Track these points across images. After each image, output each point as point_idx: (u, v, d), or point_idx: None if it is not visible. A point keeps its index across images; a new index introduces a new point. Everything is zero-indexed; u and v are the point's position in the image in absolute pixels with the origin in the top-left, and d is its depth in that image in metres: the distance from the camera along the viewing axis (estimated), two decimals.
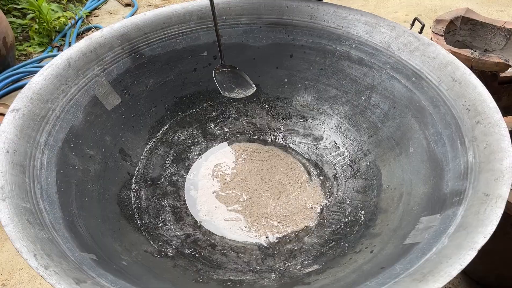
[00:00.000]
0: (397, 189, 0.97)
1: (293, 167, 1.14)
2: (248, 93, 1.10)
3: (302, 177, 1.12)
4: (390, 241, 0.84)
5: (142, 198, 1.04)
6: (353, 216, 1.01)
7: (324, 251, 0.94)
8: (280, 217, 1.02)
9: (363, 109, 1.15)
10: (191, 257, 0.93)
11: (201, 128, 1.23)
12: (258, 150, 1.19)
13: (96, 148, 1.02)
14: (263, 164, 1.14)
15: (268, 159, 1.16)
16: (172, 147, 1.17)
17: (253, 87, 1.10)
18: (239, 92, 1.09)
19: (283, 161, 1.15)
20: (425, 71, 1.02)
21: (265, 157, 1.16)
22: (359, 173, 1.09)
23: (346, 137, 1.17)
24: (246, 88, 1.10)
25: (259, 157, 1.16)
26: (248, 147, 1.20)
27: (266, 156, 1.17)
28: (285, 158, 1.16)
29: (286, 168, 1.13)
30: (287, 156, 1.17)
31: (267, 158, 1.16)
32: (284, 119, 1.25)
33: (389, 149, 1.06)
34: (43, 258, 0.65)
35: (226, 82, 1.10)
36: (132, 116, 1.13)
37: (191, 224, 1.01)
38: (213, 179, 1.12)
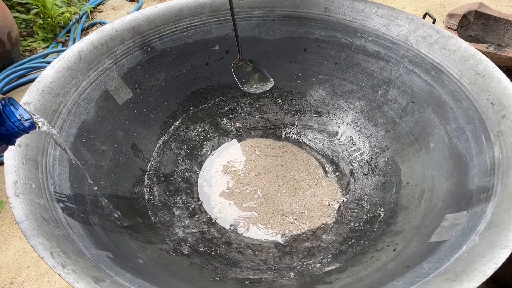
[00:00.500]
0: (418, 186, 0.95)
1: (308, 163, 1.11)
2: (267, 87, 1.07)
3: (317, 173, 1.09)
4: (413, 239, 0.81)
5: (155, 194, 1.01)
6: (372, 213, 0.98)
7: (344, 249, 0.91)
8: (297, 214, 1.00)
9: (380, 104, 1.12)
10: (207, 255, 0.91)
11: (213, 123, 1.20)
12: (271, 146, 1.16)
13: (108, 143, 0.99)
14: (277, 160, 1.12)
15: (282, 155, 1.13)
16: (184, 143, 1.15)
17: (271, 81, 1.07)
18: (258, 87, 1.07)
19: (297, 157, 1.13)
20: (445, 65, 0.99)
21: (279, 153, 1.14)
22: (377, 169, 1.07)
23: (363, 133, 1.14)
24: (265, 83, 1.07)
25: (273, 153, 1.14)
26: (261, 143, 1.17)
27: (280, 152, 1.14)
28: (300, 154, 1.14)
29: (301, 164, 1.11)
30: (301, 152, 1.14)
31: (281, 154, 1.14)
32: (298, 114, 1.23)
33: (408, 145, 1.03)
34: (59, 256, 0.62)
35: (245, 77, 1.07)
36: (143, 111, 1.11)
37: (205, 221, 0.99)
38: (226, 176, 1.09)
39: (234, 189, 1.06)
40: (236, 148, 1.16)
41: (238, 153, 1.15)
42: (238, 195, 1.05)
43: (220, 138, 1.19)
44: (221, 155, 1.15)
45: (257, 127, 1.22)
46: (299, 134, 1.20)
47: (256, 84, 1.06)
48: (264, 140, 1.18)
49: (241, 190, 1.05)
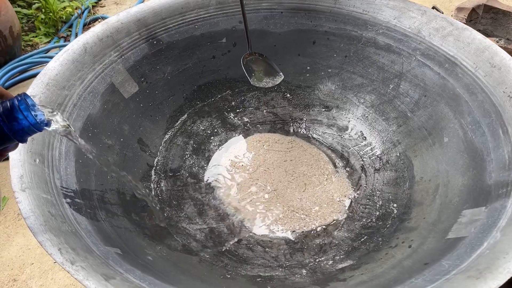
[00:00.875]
0: (432, 181, 0.92)
1: (317, 159, 1.09)
2: (277, 82, 1.05)
3: (327, 168, 1.07)
4: (429, 236, 0.79)
5: (163, 190, 0.99)
6: (385, 209, 0.96)
7: (356, 245, 0.89)
8: (307, 210, 0.98)
9: (391, 98, 1.10)
10: (216, 251, 0.88)
11: (221, 118, 1.18)
12: (280, 140, 1.14)
13: (114, 138, 0.97)
14: (286, 155, 1.09)
15: (291, 150, 1.11)
16: (191, 138, 1.12)
17: (281, 75, 1.05)
18: (268, 81, 1.04)
19: (307, 152, 1.10)
20: (459, 57, 0.96)
21: (288, 148, 1.12)
22: (389, 165, 1.04)
23: (373, 127, 1.12)
24: (274, 77, 1.05)
25: (281, 148, 1.12)
26: (269, 138, 1.15)
27: (288, 147, 1.12)
28: (309, 149, 1.11)
29: (311, 160, 1.08)
30: (310, 147, 1.12)
31: (290, 149, 1.11)
32: (306, 108, 1.21)
33: (420, 139, 1.01)
34: (68, 252, 0.60)
35: (255, 71, 1.05)
36: (150, 105, 1.08)
37: (214, 217, 0.97)
38: (234, 171, 1.07)
39: (242, 185, 1.03)
40: (244, 143, 1.14)
41: (246, 148, 1.13)
42: (247, 190, 1.02)
43: (228, 133, 1.16)
44: (229, 150, 1.13)
45: (265, 121, 1.19)
46: (308, 128, 1.18)
47: (266, 78, 1.04)
48: (272, 135, 1.16)
49: (250, 186, 1.03)
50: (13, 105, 0.50)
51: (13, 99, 0.51)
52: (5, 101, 0.51)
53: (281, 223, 0.96)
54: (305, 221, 0.95)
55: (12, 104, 0.50)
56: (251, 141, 1.14)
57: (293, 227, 0.95)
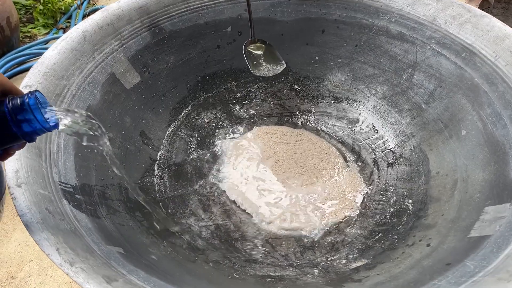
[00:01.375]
0: (449, 176, 0.88)
1: (327, 152, 1.04)
2: (278, 71, 1.01)
3: (338, 162, 1.02)
4: (449, 234, 0.75)
5: (166, 185, 0.95)
6: (399, 205, 0.92)
7: (370, 244, 0.85)
8: (318, 206, 0.93)
9: (404, 89, 1.05)
10: (223, 249, 0.84)
11: (226, 110, 1.13)
12: (288, 133, 1.09)
13: (115, 130, 0.93)
14: (295, 148, 1.05)
15: (300, 142, 1.06)
16: (196, 130, 1.08)
17: (283, 63, 1.00)
18: (269, 70, 1.00)
19: (316, 145, 1.06)
20: (478, 46, 0.92)
21: (297, 140, 1.07)
22: (403, 159, 1.00)
23: (386, 120, 1.07)
24: (276, 65, 1.00)
25: (290, 140, 1.07)
26: (277, 130, 1.10)
27: (297, 140, 1.07)
28: (318, 142, 1.07)
29: (321, 153, 1.04)
30: (320, 140, 1.07)
31: (299, 142, 1.07)
32: (315, 100, 1.16)
33: (436, 132, 0.96)
34: (67, 252, 0.56)
35: (256, 59, 1.00)
36: (152, 96, 1.04)
37: (220, 213, 0.92)
38: (242, 164, 1.02)
39: (250, 178, 0.99)
40: (250, 135, 1.09)
41: (253, 140, 1.08)
42: (255, 184, 0.98)
43: (233, 125, 1.12)
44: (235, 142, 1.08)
45: (272, 114, 1.15)
46: (316, 121, 1.13)
47: (268, 66, 0.99)
48: (280, 127, 1.11)
49: (259, 179, 0.99)
50: (24, 104, 0.47)
51: (23, 96, 0.48)
52: (15, 98, 0.47)
53: (290, 220, 0.91)
54: (315, 218, 0.91)
55: (22, 102, 0.47)
56: (258, 132, 1.09)
57: (304, 224, 0.90)
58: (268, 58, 1.02)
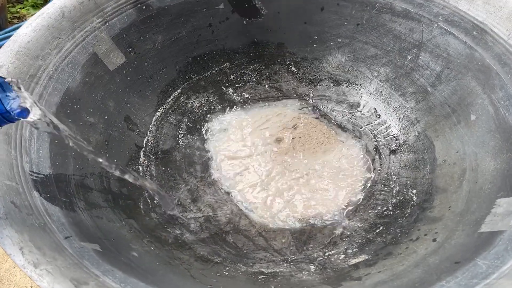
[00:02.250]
0: (457, 164, 0.82)
1: (328, 136, 0.98)
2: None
3: (338, 149, 0.96)
4: (457, 228, 0.69)
5: (153, 174, 0.89)
6: (403, 196, 0.85)
7: (371, 237, 0.79)
8: (315, 195, 0.87)
9: (409, 71, 0.98)
10: (213, 243, 0.78)
11: (218, 93, 1.06)
12: (286, 116, 1.02)
13: (97, 115, 0.86)
14: (294, 132, 0.98)
15: (297, 127, 1.00)
16: (185, 115, 1.01)
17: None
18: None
19: (316, 129, 0.99)
20: (489, 23, 0.84)
21: (296, 124, 1.00)
22: (406, 146, 0.93)
23: (388, 104, 1.01)
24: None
25: (287, 124, 1.00)
26: (274, 113, 1.03)
27: (296, 123, 1.00)
28: (319, 125, 1.00)
29: (321, 137, 0.97)
30: (320, 124, 1.01)
31: (297, 126, 1.00)
32: (313, 83, 1.09)
33: (443, 117, 0.90)
34: (32, 252, 0.50)
35: None
36: (138, 78, 0.97)
37: (210, 204, 0.86)
38: (235, 151, 0.96)
39: (245, 163, 0.92)
40: (244, 120, 1.02)
41: (247, 125, 1.01)
42: (251, 171, 0.92)
43: (226, 110, 1.05)
44: (228, 128, 1.01)
45: (267, 97, 1.08)
46: (315, 105, 1.06)
47: None
48: (277, 109, 1.04)
49: (253, 166, 0.92)
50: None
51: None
52: None
53: (286, 210, 0.86)
54: (312, 208, 0.85)
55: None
56: (252, 114, 1.02)
57: (300, 214, 0.85)
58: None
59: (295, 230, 0.82)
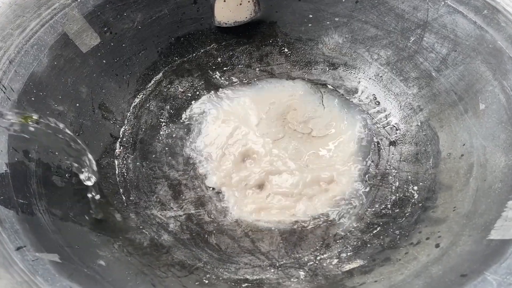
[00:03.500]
0: (463, 159, 0.74)
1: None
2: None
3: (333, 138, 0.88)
4: (463, 232, 0.62)
5: (130, 167, 0.81)
6: (403, 192, 0.78)
7: (367, 239, 0.72)
8: (306, 191, 0.80)
9: (412, 54, 0.89)
10: (194, 246, 0.71)
11: (204, 77, 0.98)
12: (276, 102, 0.94)
13: (67, 103, 0.78)
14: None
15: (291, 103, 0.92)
16: (168, 102, 0.93)
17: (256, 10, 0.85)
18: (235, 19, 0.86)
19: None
20: (502, 1, 0.76)
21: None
22: (408, 136, 0.86)
23: (389, 90, 0.92)
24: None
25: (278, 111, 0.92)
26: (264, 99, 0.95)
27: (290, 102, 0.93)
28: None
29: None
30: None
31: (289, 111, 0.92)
32: (307, 66, 1.00)
33: (448, 106, 0.82)
34: None
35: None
36: (115, 61, 0.88)
37: (193, 200, 0.79)
38: (222, 140, 0.88)
39: (231, 160, 0.85)
40: (232, 106, 0.94)
41: (235, 112, 0.93)
42: (238, 167, 0.84)
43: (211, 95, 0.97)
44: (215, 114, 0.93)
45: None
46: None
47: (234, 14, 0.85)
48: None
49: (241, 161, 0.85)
50: None
51: None
52: None
53: (275, 206, 0.78)
54: (304, 205, 0.78)
55: None
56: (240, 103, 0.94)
57: (290, 211, 0.78)
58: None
59: (285, 230, 0.75)
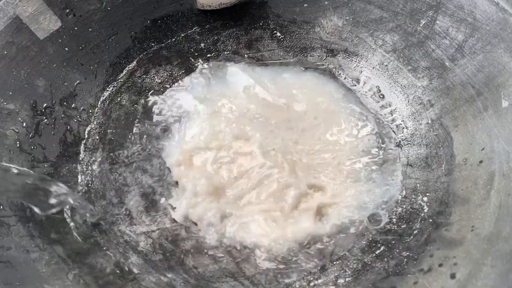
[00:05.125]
0: (482, 166, 0.63)
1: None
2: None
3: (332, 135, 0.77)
4: (485, 261, 0.52)
5: (96, 174, 0.70)
6: (410, 204, 0.68)
7: (369, 261, 0.62)
8: (300, 201, 0.70)
9: (422, 39, 0.78)
10: (167, 269, 0.61)
11: (185, 65, 0.86)
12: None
13: (19, 99, 0.67)
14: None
15: (285, 106, 0.81)
16: (143, 95, 0.81)
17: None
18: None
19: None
20: None
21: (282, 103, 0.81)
22: (416, 136, 0.75)
23: (395, 81, 0.81)
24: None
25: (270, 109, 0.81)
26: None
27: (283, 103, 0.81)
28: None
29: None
30: None
31: (285, 104, 0.81)
32: (302, 53, 0.88)
33: (464, 102, 0.70)
34: None
35: None
36: (80, 49, 0.77)
37: (168, 212, 0.69)
38: (205, 140, 0.77)
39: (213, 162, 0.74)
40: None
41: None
42: (220, 169, 0.74)
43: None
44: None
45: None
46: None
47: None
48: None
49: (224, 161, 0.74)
50: None
51: None
52: None
53: (263, 218, 0.68)
54: (296, 219, 0.68)
55: None
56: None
57: (279, 225, 0.67)
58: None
59: (273, 248, 0.65)
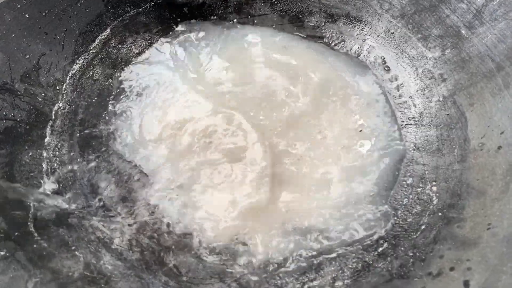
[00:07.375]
0: (501, 153, 0.56)
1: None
2: None
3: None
4: (504, 268, 0.45)
5: (64, 159, 0.63)
6: (417, 194, 0.60)
7: (370, 260, 0.55)
8: (296, 193, 0.63)
9: (435, 3, 0.68)
10: (144, 270, 0.55)
11: (165, 33, 0.76)
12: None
13: None
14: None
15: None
16: (118, 67, 0.72)
17: None
18: None
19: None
20: None
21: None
22: (426, 116, 0.67)
23: (403, 51, 0.72)
24: None
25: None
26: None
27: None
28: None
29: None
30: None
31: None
32: (298, 18, 0.78)
33: (482, 77, 0.62)
34: None
35: None
36: (43, 16, 0.67)
37: (147, 203, 0.61)
38: (188, 118, 0.69)
39: (198, 147, 0.67)
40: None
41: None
42: (206, 156, 0.66)
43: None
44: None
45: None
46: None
47: None
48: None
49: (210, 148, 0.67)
50: None
51: None
52: None
53: (251, 214, 0.62)
54: (290, 214, 0.61)
55: None
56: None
57: (270, 221, 0.61)
58: None
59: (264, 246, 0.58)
